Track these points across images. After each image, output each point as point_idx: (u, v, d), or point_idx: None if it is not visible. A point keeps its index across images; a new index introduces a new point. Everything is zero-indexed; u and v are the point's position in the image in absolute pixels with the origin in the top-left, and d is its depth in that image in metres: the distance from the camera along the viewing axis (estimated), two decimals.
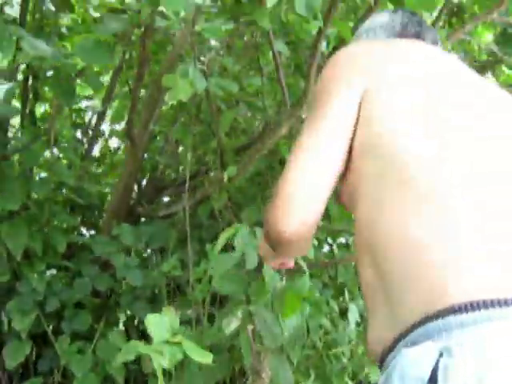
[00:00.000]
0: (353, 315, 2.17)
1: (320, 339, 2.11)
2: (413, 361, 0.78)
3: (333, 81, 1.10)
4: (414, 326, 0.81)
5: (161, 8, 1.86)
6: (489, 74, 3.00)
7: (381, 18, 1.40)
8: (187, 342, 1.36)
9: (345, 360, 2.17)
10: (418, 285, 0.83)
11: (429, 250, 0.84)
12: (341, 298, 2.34)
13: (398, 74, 1.07)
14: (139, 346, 1.34)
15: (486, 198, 0.87)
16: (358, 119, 1.04)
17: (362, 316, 2.22)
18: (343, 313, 2.36)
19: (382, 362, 0.88)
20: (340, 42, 2.38)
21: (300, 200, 1.01)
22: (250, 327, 1.58)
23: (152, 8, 1.57)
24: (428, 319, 0.79)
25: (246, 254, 1.75)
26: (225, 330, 1.60)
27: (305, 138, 1.06)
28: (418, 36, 1.35)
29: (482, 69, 2.87)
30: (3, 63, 2.79)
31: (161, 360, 1.33)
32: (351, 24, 2.59)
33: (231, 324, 1.60)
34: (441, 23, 2.78)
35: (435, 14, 2.62)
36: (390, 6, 2.16)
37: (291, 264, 1.32)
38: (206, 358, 1.41)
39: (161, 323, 1.37)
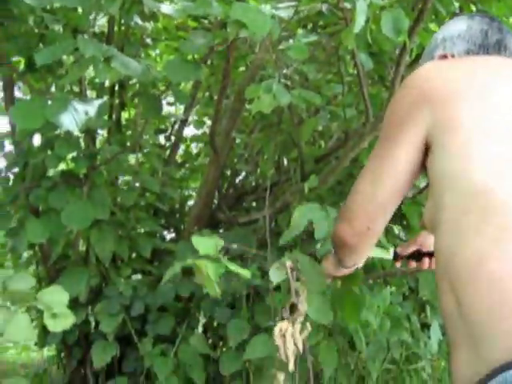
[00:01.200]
0: (435, 332, 2.14)
1: (401, 354, 2.10)
2: None
3: (401, 111, 1.11)
4: (503, 369, 0.79)
5: None
6: None
7: (458, 26, 1.31)
8: (229, 262, 1.49)
9: (425, 375, 2.14)
10: (504, 324, 0.81)
11: None
12: (422, 314, 2.30)
13: (472, 101, 1.02)
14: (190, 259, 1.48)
15: None
16: (430, 147, 1.06)
17: (443, 332, 2.19)
18: (424, 326, 2.32)
19: None
20: (422, 50, 2.34)
21: (360, 218, 1.20)
22: (288, 263, 1.54)
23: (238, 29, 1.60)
24: None
25: (315, 224, 1.78)
26: (272, 280, 1.59)
27: (372, 163, 1.17)
28: (499, 44, 1.26)
29: None
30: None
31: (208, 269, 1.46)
32: (432, 25, 2.53)
33: (279, 273, 1.59)
34: None
35: None
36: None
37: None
38: (246, 273, 1.51)
39: (207, 243, 1.52)
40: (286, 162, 2.88)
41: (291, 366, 1.43)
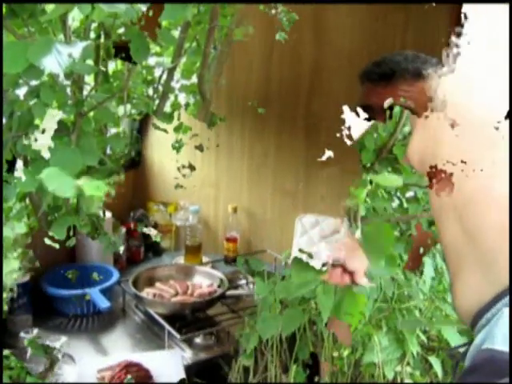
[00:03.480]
0: (428, 270, 2.15)
1: (393, 293, 2.11)
2: None
3: None
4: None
5: None
6: None
7: None
8: None
9: (417, 313, 2.16)
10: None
11: None
12: None
13: None
14: None
15: None
16: None
17: (436, 271, 2.20)
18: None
19: (475, 321, 0.88)
20: None
21: None
22: None
23: None
24: None
25: None
26: None
27: None
28: None
29: None
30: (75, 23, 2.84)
31: None
32: None
33: None
34: None
35: None
36: None
37: None
38: None
39: None
40: None
41: None
